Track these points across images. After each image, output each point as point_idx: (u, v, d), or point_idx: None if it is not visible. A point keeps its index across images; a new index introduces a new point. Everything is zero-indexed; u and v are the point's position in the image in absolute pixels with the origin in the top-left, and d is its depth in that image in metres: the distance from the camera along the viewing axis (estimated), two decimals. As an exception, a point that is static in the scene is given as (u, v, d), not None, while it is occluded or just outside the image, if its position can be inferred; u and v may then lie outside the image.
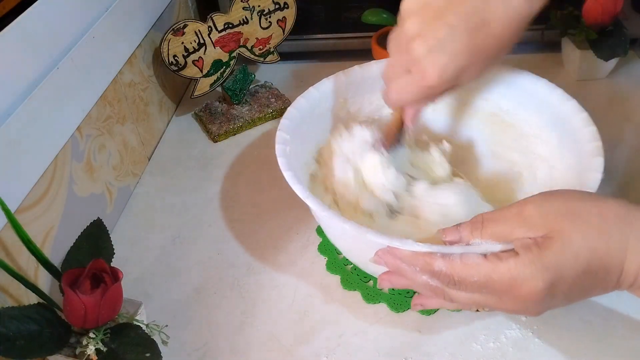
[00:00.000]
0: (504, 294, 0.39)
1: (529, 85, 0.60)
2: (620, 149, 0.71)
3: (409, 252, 0.42)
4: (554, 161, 0.57)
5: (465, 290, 0.41)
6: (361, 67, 0.64)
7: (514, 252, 0.39)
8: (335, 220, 0.46)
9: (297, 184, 0.49)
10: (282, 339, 0.54)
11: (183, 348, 0.53)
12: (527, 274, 0.38)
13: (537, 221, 0.39)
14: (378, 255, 0.44)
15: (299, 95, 0.61)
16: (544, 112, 0.59)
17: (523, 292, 0.38)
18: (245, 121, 0.80)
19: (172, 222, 0.67)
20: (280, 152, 0.54)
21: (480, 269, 0.39)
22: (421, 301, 0.47)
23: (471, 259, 0.40)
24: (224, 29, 0.77)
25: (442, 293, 0.42)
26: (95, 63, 0.62)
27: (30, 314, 0.43)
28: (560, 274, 0.38)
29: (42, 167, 0.53)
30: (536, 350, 0.51)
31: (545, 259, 0.37)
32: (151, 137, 0.77)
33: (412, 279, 0.43)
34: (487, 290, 0.40)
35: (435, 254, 0.41)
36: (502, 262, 0.39)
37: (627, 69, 0.86)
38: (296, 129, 0.58)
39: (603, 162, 0.50)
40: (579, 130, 0.54)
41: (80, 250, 0.49)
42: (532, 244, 0.38)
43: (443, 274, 0.41)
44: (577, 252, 0.37)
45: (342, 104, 0.64)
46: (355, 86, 0.64)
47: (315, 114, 0.61)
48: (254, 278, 0.60)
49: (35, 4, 0.53)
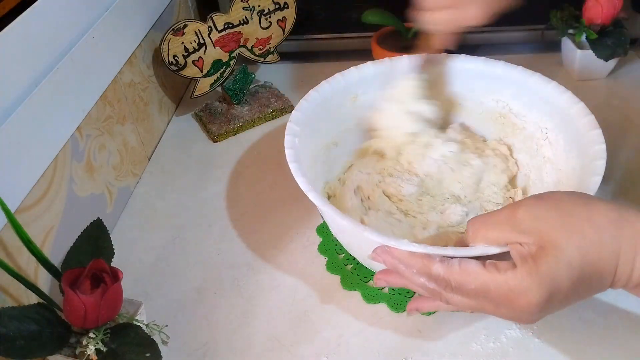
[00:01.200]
0: (501, 303, 0.40)
1: (539, 88, 0.60)
2: (620, 149, 0.71)
3: (407, 253, 0.42)
4: (559, 163, 0.58)
5: (461, 295, 0.41)
6: (373, 64, 0.64)
7: (512, 263, 0.39)
8: (334, 216, 0.46)
9: (301, 177, 0.50)
10: (282, 339, 0.54)
11: (183, 348, 0.53)
12: (524, 286, 0.38)
13: (529, 227, 0.39)
14: (376, 253, 0.44)
15: (311, 89, 0.61)
16: (553, 114, 0.59)
17: (521, 304, 0.38)
18: (245, 121, 0.80)
19: (172, 222, 0.67)
20: (289, 143, 0.54)
21: (478, 277, 0.40)
22: (416, 305, 0.47)
23: (470, 266, 0.40)
24: (224, 29, 0.77)
25: (439, 295, 0.42)
26: (95, 63, 0.62)
27: (30, 314, 0.43)
28: (557, 285, 0.38)
29: (42, 167, 0.53)
30: (536, 350, 0.51)
31: (541, 272, 0.38)
32: (151, 137, 0.77)
33: (409, 279, 0.43)
34: (484, 298, 0.40)
35: (434, 258, 0.41)
36: (499, 274, 0.39)
37: (627, 69, 0.86)
38: (307, 123, 0.58)
39: (604, 165, 0.50)
40: (584, 133, 0.54)
41: (80, 250, 0.49)
42: (527, 255, 0.38)
43: (441, 278, 0.41)
44: (570, 260, 0.37)
45: (354, 99, 0.64)
46: (366, 82, 0.64)
47: (326, 108, 0.61)
48: (254, 278, 0.60)
49: (35, 4, 0.53)
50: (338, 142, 0.64)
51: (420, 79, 0.62)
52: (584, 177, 0.50)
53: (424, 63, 0.63)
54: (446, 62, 0.64)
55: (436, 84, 0.65)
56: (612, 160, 0.51)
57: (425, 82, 0.63)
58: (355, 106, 0.64)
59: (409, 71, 0.62)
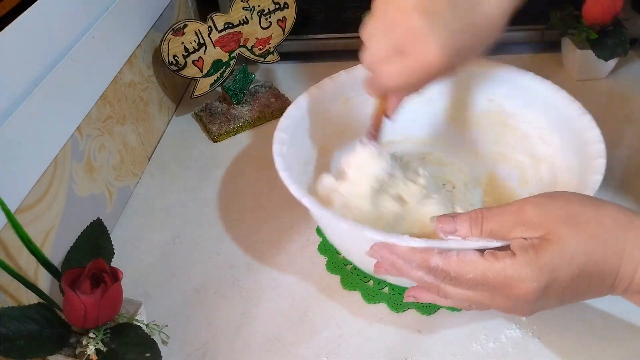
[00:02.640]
0: (498, 292, 0.40)
1: (534, 87, 0.60)
2: (620, 149, 0.71)
3: (406, 248, 0.42)
4: (556, 162, 0.58)
5: (460, 286, 0.41)
6: (363, 67, 0.64)
7: (511, 252, 0.39)
8: (332, 220, 0.46)
9: (293, 184, 0.49)
10: (282, 339, 0.54)
11: (183, 348, 0.53)
12: (522, 274, 0.38)
13: (536, 222, 0.39)
14: (374, 250, 0.44)
15: (300, 95, 0.61)
16: (547, 113, 0.59)
17: (517, 292, 0.39)
18: (245, 121, 0.80)
19: (172, 222, 0.67)
20: (277, 151, 0.54)
21: (477, 266, 0.40)
22: (414, 293, 0.46)
23: (468, 256, 0.40)
24: (224, 29, 0.77)
25: (437, 289, 0.42)
26: (95, 63, 0.62)
27: (30, 314, 0.43)
28: (555, 276, 0.38)
29: (42, 167, 0.53)
30: (536, 350, 0.51)
31: (541, 261, 0.38)
32: (151, 137, 0.77)
33: (407, 274, 0.43)
34: (481, 287, 0.40)
35: (433, 250, 0.41)
36: (498, 261, 0.39)
37: (627, 69, 0.86)
38: (296, 128, 0.58)
39: (605, 163, 0.50)
40: (582, 132, 0.54)
41: (80, 250, 0.49)
42: (528, 246, 0.38)
43: (439, 270, 0.41)
44: (573, 255, 0.37)
45: (344, 103, 0.64)
46: (357, 85, 0.64)
47: (315, 113, 0.61)
48: (254, 278, 0.60)
49: (35, 4, 0.53)
50: (329, 145, 0.64)
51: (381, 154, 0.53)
52: (584, 176, 0.50)
53: (377, 133, 0.54)
54: None
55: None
56: (612, 159, 0.51)
57: (390, 157, 0.55)
58: (346, 109, 0.64)
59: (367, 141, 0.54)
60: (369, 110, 0.65)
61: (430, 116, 0.68)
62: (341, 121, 0.65)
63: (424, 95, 0.61)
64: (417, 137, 0.69)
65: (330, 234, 0.55)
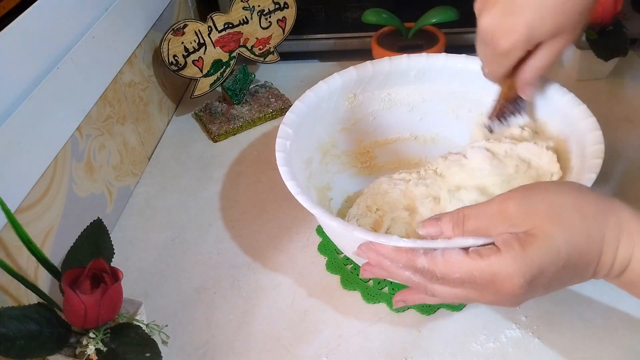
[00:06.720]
0: (485, 288, 0.40)
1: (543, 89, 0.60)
2: (620, 149, 0.71)
3: (391, 248, 0.43)
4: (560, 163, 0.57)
5: (447, 285, 0.41)
6: (372, 64, 0.64)
7: (496, 248, 0.39)
8: (324, 218, 0.47)
9: (290, 180, 0.50)
10: (282, 339, 0.54)
11: (183, 348, 0.53)
12: (509, 271, 0.38)
13: (519, 218, 0.39)
14: (361, 250, 0.45)
15: (308, 90, 0.61)
16: (553, 114, 0.59)
17: (504, 288, 0.39)
18: (245, 121, 0.80)
19: (172, 222, 0.67)
20: (280, 146, 0.54)
21: (462, 266, 0.40)
22: (403, 297, 0.47)
23: (453, 255, 0.40)
24: (224, 28, 0.77)
25: (424, 288, 0.43)
26: (95, 63, 0.62)
27: (30, 314, 0.43)
28: (542, 270, 0.38)
29: (42, 167, 0.53)
30: (536, 350, 0.51)
31: (527, 256, 0.38)
32: (151, 137, 0.77)
33: (394, 273, 0.44)
34: (468, 285, 0.40)
35: (418, 251, 0.42)
36: (483, 259, 0.39)
37: (627, 69, 0.86)
38: (301, 124, 0.58)
39: (600, 164, 0.50)
40: (585, 134, 0.54)
41: (80, 250, 0.49)
42: (513, 240, 0.39)
43: (425, 270, 0.41)
44: (558, 249, 0.38)
45: (352, 99, 0.64)
46: (365, 82, 0.64)
47: (322, 108, 0.61)
48: (254, 278, 0.60)
49: (35, 4, 0.53)
50: (335, 142, 0.64)
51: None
52: (579, 175, 0.50)
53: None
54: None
55: (436, 83, 0.65)
56: (612, 160, 0.51)
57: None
58: (353, 106, 0.64)
59: None
60: (375, 108, 0.66)
61: (431, 119, 0.68)
62: (348, 117, 0.65)
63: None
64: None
65: (328, 232, 0.55)
